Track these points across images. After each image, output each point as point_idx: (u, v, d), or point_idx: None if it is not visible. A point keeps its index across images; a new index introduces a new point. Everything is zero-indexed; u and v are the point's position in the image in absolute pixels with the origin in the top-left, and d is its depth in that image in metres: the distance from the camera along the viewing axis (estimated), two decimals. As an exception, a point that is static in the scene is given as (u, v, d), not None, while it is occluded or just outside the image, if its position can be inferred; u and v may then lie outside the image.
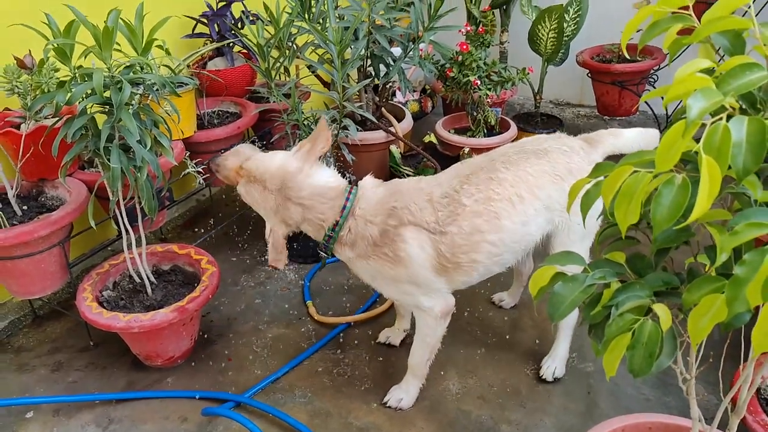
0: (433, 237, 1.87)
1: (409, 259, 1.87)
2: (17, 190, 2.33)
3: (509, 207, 1.89)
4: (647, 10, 0.98)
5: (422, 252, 1.88)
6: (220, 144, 3.01)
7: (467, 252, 1.89)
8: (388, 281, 1.96)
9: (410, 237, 1.87)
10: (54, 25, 1.96)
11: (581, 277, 1.07)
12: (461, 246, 1.88)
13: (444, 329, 2.06)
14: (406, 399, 2.16)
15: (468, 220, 1.87)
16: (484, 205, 1.87)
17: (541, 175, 1.92)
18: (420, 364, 2.12)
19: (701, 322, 0.89)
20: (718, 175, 0.75)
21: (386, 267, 1.91)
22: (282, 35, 2.73)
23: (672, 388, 2.18)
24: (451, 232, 1.87)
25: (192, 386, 2.30)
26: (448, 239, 1.87)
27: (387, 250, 1.88)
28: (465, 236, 1.87)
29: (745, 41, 0.93)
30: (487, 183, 1.90)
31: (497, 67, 3.37)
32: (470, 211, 1.87)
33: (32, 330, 2.63)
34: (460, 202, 1.88)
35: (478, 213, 1.87)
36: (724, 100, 0.78)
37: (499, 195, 1.88)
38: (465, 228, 1.87)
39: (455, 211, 1.87)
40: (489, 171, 1.92)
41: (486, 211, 1.87)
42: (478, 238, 1.88)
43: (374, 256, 1.91)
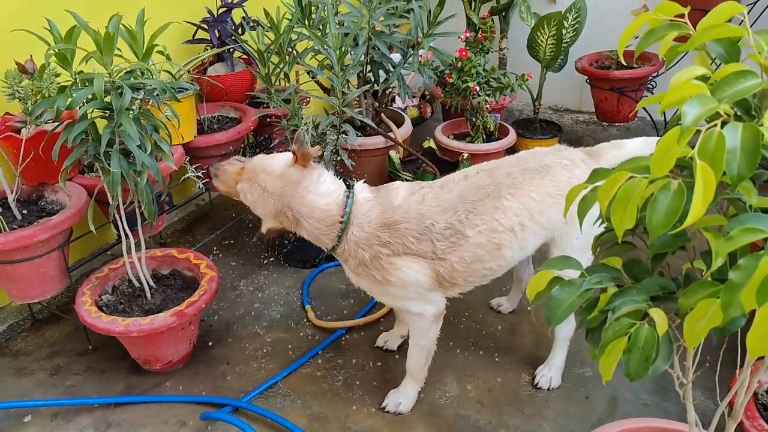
0: (431, 263, 1.89)
1: (400, 281, 1.90)
2: (17, 195, 2.34)
3: (511, 237, 1.91)
4: (644, 17, 0.99)
5: (417, 275, 1.89)
6: (220, 149, 3.02)
7: (465, 276, 1.93)
8: (380, 292, 1.99)
9: (404, 265, 1.88)
10: (55, 31, 1.97)
11: (578, 281, 1.08)
12: (460, 272, 1.91)
13: (436, 332, 2.06)
14: (405, 403, 2.16)
15: (470, 251, 1.89)
16: (488, 238, 1.89)
17: (543, 198, 1.93)
18: (417, 368, 2.12)
19: (697, 327, 0.90)
20: (713, 180, 0.76)
21: (375, 286, 1.95)
22: (282, 41, 2.74)
23: (670, 394, 2.19)
24: (450, 260, 1.88)
25: (191, 390, 2.31)
26: (447, 265, 1.89)
27: (377, 274, 1.90)
28: (465, 264, 1.90)
29: (740, 49, 0.94)
30: (492, 213, 1.89)
31: (496, 74, 3.38)
32: (473, 243, 1.88)
33: (31, 334, 2.63)
34: (464, 234, 1.88)
35: (481, 245, 1.89)
36: (719, 107, 0.79)
37: (503, 226, 1.89)
38: (466, 258, 1.89)
39: (457, 242, 1.88)
40: (495, 199, 1.90)
41: (489, 243, 1.89)
42: (479, 266, 1.92)
43: (364, 275, 1.94)
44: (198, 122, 3.01)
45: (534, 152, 2.08)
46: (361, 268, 1.93)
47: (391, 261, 1.88)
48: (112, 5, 2.25)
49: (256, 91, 3.33)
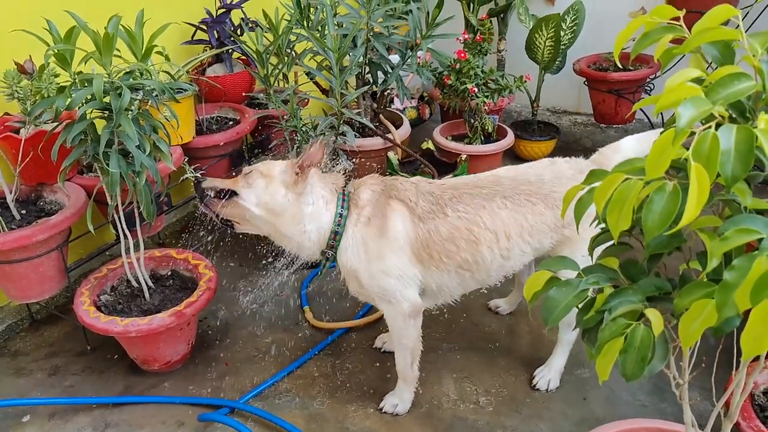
0: (413, 218, 1.93)
1: (394, 230, 1.92)
2: (16, 195, 2.34)
3: (492, 238, 1.94)
4: (639, 21, 1.00)
5: (403, 226, 1.92)
6: (219, 150, 3.03)
7: (440, 252, 1.94)
8: (367, 271, 1.96)
9: (397, 207, 1.94)
10: (55, 31, 1.97)
11: (575, 282, 1.08)
12: (436, 243, 1.93)
13: (416, 330, 2.05)
14: (401, 405, 2.16)
15: (446, 227, 1.93)
16: (466, 226, 1.93)
17: (539, 224, 1.97)
18: (405, 369, 2.11)
19: (692, 327, 0.91)
20: (707, 182, 0.77)
21: (371, 240, 1.93)
22: (281, 42, 2.75)
23: (668, 395, 2.19)
24: (428, 227, 1.93)
25: (189, 391, 2.31)
26: (424, 230, 1.93)
27: (376, 220, 1.93)
28: (440, 240, 1.93)
29: (735, 51, 0.95)
30: (478, 209, 1.94)
31: (494, 75, 3.39)
32: (450, 223, 1.93)
33: (29, 334, 2.64)
34: (444, 211, 1.94)
35: (458, 229, 1.93)
36: (713, 109, 0.80)
37: (485, 224, 1.93)
38: (442, 232, 1.93)
39: (436, 212, 1.94)
40: (485, 199, 1.96)
41: (466, 232, 1.93)
42: (453, 249, 1.93)
43: (365, 229, 1.95)
44: (197, 123, 3.01)
45: (539, 175, 2.05)
46: (363, 227, 1.94)
47: (388, 202, 1.94)
48: (112, 6, 2.25)
49: (254, 92, 3.34)
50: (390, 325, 2.07)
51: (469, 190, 1.98)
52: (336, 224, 1.94)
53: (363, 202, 1.96)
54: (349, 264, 1.97)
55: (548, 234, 1.99)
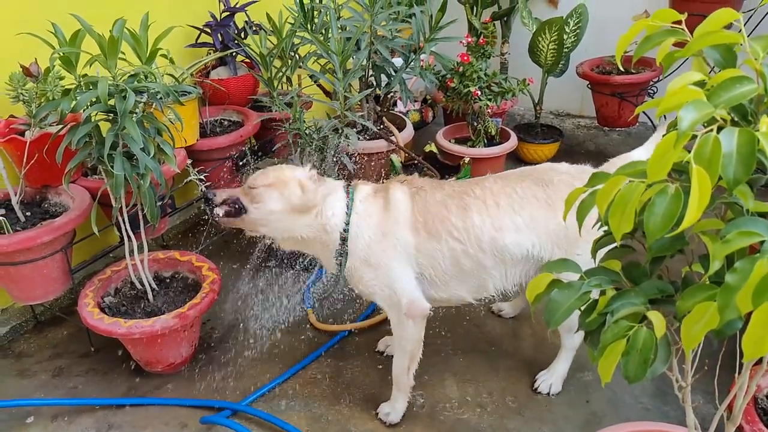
0: (412, 191, 2.01)
1: (396, 205, 1.98)
2: (21, 197, 2.35)
3: (481, 205, 1.97)
4: (641, 24, 1.01)
5: (404, 200, 1.99)
6: (223, 152, 3.04)
7: (433, 217, 1.97)
8: (371, 265, 1.99)
9: (397, 187, 2.03)
10: (60, 34, 1.98)
11: (577, 284, 1.09)
12: (429, 207, 1.98)
13: (419, 334, 2.04)
14: (393, 414, 2.14)
15: (440, 194, 2.01)
16: (458, 194, 2.00)
17: (530, 199, 1.99)
18: (401, 374, 2.09)
19: (694, 329, 0.91)
20: (708, 185, 0.77)
21: (377, 219, 1.99)
22: (285, 45, 2.76)
23: (670, 398, 2.19)
24: (424, 197, 2.00)
25: (192, 392, 2.31)
26: (422, 199, 1.99)
27: (380, 198, 2.01)
28: (434, 202, 1.99)
29: (736, 55, 0.95)
30: (470, 184, 2.05)
31: (498, 78, 3.40)
32: (444, 192, 2.02)
33: (33, 335, 2.65)
34: (441, 185, 2.06)
35: (450, 195, 2.00)
36: (715, 112, 0.80)
37: (474, 194, 1.99)
38: (437, 197, 2.00)
39: (435, 187, 2.04)
40: (478, 180, 2.06)
41: (458, 198, 1.99)
42: (444, 212, 1.97)
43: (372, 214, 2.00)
44: (200, 125, 3.02)
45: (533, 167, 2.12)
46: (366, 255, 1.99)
47: (388, 187, 2.04)
48: (117, 9, 2.27)
49: (258, 94, 3.35)
50: (393, 326, 2.08)
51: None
52: (346, 214, 1.97)
53: (366, 191, 2.04)
54: (357, 250, 1.99)
55: (540, 210, 1.96)
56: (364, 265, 1.99)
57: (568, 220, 1.16)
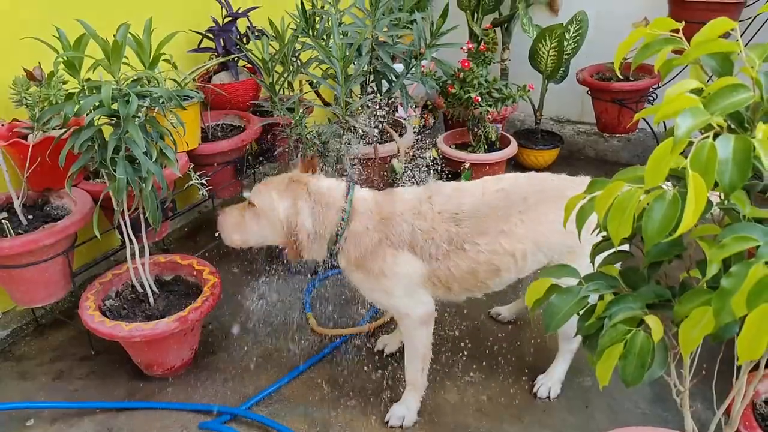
0: (426, 264, 1.95)
1: (392, 274, 1.94)
2: (23, 200, 2.36)
3: (511, 262, 1.96)
4: (638, 32, 1.02)
5: (411, 269, 1.94)
6: (224, 156, 3.05)
7: (461, 283, 1.98)
8: (370, 287, 2.02)
9: (401, 260, 1.94)
10: (64, 39, 2.00)
11: (576, 289, 1.10)
12: (456, 277, 1.96)
13: (428, 336, 2.07)
14: (409, 416, 2.15)
15: (467, 263, 1.95)
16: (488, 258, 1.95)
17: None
18: (415, 375, 2.13)
19: (692, 334, 0.92)
20: (704, 190, 0.78)
21: (369, 279, 1.98)
22: (286, 51, 2.77)
23: (669, 403, 2.19)
24: (447, 265, 1.94)
25: (192, 396, 2.32)
26: (444, 267, 1.94)
27: (373, 265, 1.94)
28: (460, 272, 1.96)
29: (733, 63, 0.96)
30: (497, 236, 1.95)
31: (498, 84, 3.42)
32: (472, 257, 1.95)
33: (34, 338, 2.65)
34: (463, 248, 1.94)
35: (479, 263, 1.95)
36: (711, 119, 0.82)
37: (504, 250, 1.94)
38: (462, 267, 1.95)
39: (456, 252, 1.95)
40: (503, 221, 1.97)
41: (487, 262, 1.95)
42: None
43: (358, 271, 1.99)
44: (202, 130, 3.04)
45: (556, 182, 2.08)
46: (359, 259, 1.96)
47: (388, 252, 1.93)
48: (120, 14, 2.28)
49: (260, 99, 3.37)
50: (402, 330, 2.11)
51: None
52: (340, 218, 1.96)
53: (365, 205, 2.00)
54: (350, 275, 2.02)
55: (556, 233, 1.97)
56: (367, 281, 2.01)
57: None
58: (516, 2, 3.87)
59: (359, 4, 2.88)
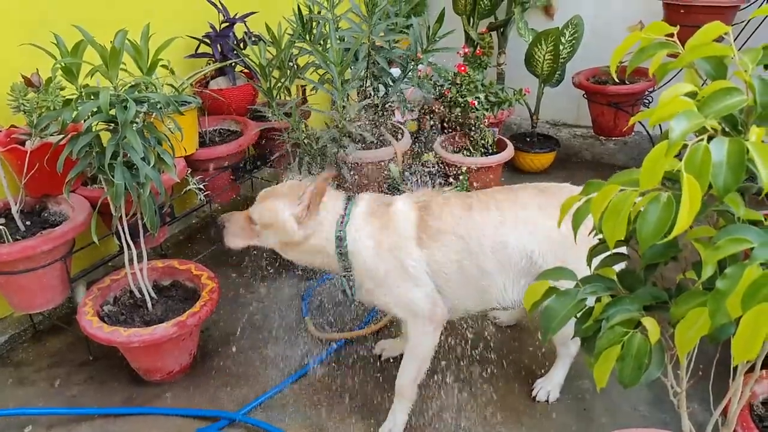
0: (415, 205, 2.03)
1: (397, 218, 2.00)
2: (21, 206, 2.36)
3: (485, 214, 1.99)
4: (634, 36, 1.03)
5: (407, 210, 2.01)
6: (221, 161, 3.06)
7: (437, 221, 2.00)
8: (383, 281, 2.01)
9: (399, 199, 2.07)
10: (62, 45, 2.01)
11: (573, 291, 1.11)
12: (434, 212, 2.01)
13: (434, 341, 2.05)
14: (395, 430, 2.12)
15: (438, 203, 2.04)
16: (457, 202, 2.03)
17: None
18: (407, 383, 2.08)
19: (688, 335, 0.93)
20: (698, 192, 0.79)
21: (381, 287, 2.00)
22: (284, 56, 2.78)
23: (668, 405, 2.20)
24: (430, 206, 2.02)
25: (190, 401, 2.32)
26: (428, 212, 2.02)
27: (382, 213, 2.02)
28: (439, 205, 2.02)
29: (727, 67, 0.97)
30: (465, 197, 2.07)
31: (494, 88, 3.43)
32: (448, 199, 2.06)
33: (32, 344, 2.65)
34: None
35: (455, 204, 2.03)
36: (705, 122, 0.82)
37: (477, 197, 2.03)
38: (440, 201, 2.04)
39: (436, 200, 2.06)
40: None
41: (458, 208, 2.02)
42: (447, 217, 2.00)
43: (367, 281, 2.02)
44: (200, 135, 3.04)
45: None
46: (366, 270, 2.00)
47: (390, 201, 2.05)
48: (118, 20, 2.29)
49: (257, 104, 3.37)
50: (408, 332, 2.09)
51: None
52: (338, 230, 1.98)
53: (365, 208, 2.04)
54: (364, 270, 2.02)
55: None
56: (374, 282, 2.01)
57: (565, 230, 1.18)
58: (512, 6, 3.89)
59: (356, 9, 2.90)
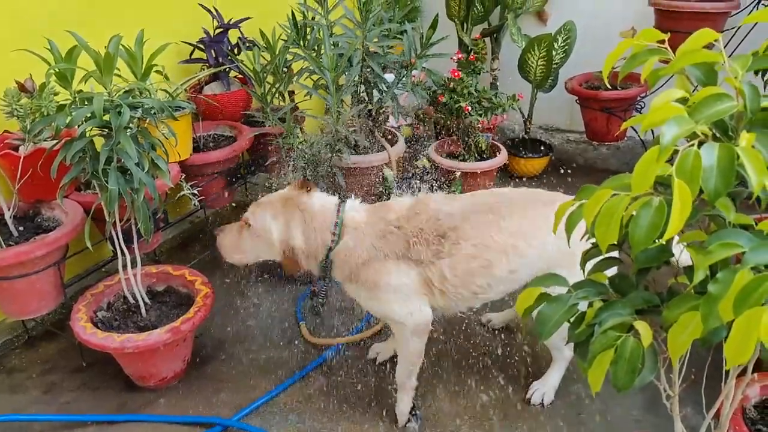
0: (419, 270, 1.96)
1: (387, 285, 1.96)
2: (14, 211, 2.36)
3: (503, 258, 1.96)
4: (626, 43, 1.04)
5: (405, 279, 1.96)
6: (216, 167, 3.06)
7: (456, 285, 1.97)
8: (367, 296, 2.03)
9: (393, 269, 1.96)
10: (56, 51, 2.00)
11: (565, 297, 1.11)
12: (450, 279, 1.96)
13: (420, 345, 2.07)
14: (400, 418, 2.18)
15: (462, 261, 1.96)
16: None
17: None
18: (404, 379, 2.14)
19: (680, 338, 0.93)
20: (689, 197, 0.80)
21: (362, 291, 2.02)
22: (278, 61, 2.79)
23: (661, 410, 2.19)
24: (440, 266, 1.95)
25: (184, 407, 2.31)
26: (437, 270, 1.95)
27: (366, 278, 1.97)
28: (454, 274, 1.96)
29: (717, 73, 0.98)
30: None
31: (488, 94, 3.44)
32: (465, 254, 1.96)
33: (25, 351, 2.63)
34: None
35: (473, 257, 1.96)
36: (696, 128, 0.83)
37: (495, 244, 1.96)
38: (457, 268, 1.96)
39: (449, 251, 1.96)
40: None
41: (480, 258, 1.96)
42: (469, 278, 1.97)
43: (352, 284, 2.03)
44: (194, 140, 3.04)
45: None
46: (353, 273, 2.00)
47: (380, 264, 1.96)
48: (112, 26, 2.29)
49: (251, 110, 3.38)
50: (395, 336, 2.11)
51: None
52: (331, 235, 1.99)
53: (357, 217, 2.03)
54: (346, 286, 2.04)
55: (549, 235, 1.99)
56: (363, 291, 2.03)
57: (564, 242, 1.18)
58: (505, 12, 3.91)
59: (350, 15, 2.91)
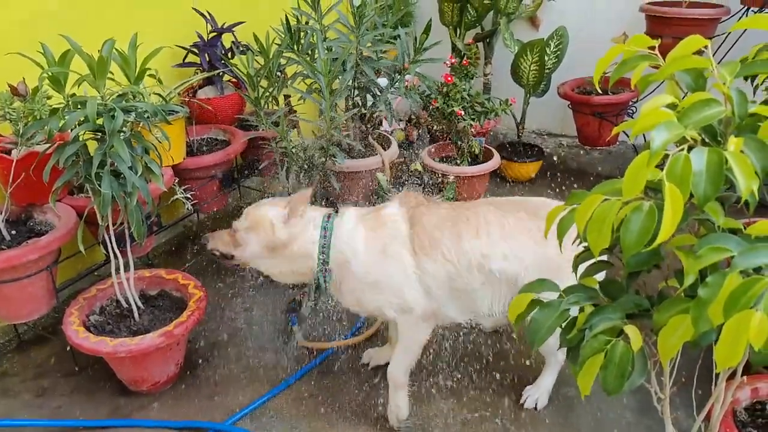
0: (408, 211, 2.06)
1: (391, 223, 2.03)
2: (6, 215, 2.35)
3: (473, 232, 2.00)
4: (617, 49, 1.05)
5: (398, 218, 2.04)
6: (209, 170, 3.05)
7: (429, 241, 2.00)
8: (374, 283, 2.03)
9: (389, 205, 2.10)
10: (49, 55, 2.00)
11: (556, 302, 1.12)
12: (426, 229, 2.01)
13: (425, 334, 2.09)
14: (402, 411, 2.17)
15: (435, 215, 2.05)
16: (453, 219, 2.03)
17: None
18: (399, 372, 2.12)
19: (670, 342, 0.94)
20: (680, 201, 0.81)
21: (368, 292, 2.03)
22: (271, 65, 2.79)
23: (653, 413, 2.20)
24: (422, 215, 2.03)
25: (177, 411, 2.30)
26: (418, 218, 2.03)
27: (374, 218, 2.05)
28: (431, 224, 2.02)
29: (706, 79, 1.00)
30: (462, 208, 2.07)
31: (481, 98, 3.46)
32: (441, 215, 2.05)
33: (17, 355, 2.62)
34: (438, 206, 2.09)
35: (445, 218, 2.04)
36: (685, 133, 0.84)
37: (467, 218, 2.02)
38: (433, 219, 2.04)
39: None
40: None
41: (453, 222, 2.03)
42: (438, 235, 2.00)
43: (349, 294, 2.07)
44: (187, 144, 3.04)
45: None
46: (348, 283, 2.04)
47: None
48: (105, 29, 2.29)
49: (245, 114, 3.38)
50: (399, 326, 2.10)
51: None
52: (322, 236, 2.02)
53: (354, 215, 2.07)
54: (354, 274, 2.04)
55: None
56: (366, 286, 2.04)
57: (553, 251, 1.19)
58: (498, 18, 3.93)
59: (343, 20, 2.92)
